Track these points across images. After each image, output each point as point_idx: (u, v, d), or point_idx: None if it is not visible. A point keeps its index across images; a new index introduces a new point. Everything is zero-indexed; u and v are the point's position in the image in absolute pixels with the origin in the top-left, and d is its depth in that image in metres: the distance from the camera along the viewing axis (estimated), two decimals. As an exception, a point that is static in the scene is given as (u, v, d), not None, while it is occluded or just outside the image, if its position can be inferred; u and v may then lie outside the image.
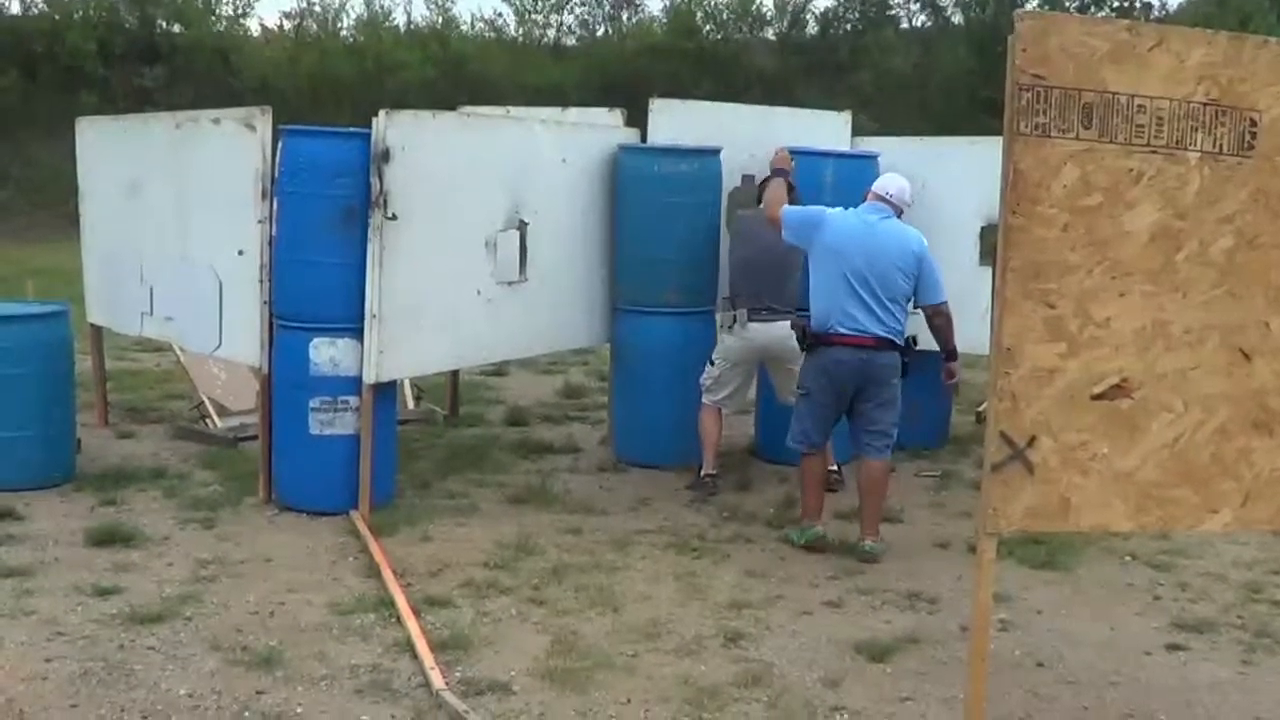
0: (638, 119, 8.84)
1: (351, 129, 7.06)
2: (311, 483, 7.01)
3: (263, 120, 6.95)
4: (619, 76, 25.70)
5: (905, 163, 8.71)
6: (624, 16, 29.44)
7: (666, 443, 8.31)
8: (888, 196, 6.79)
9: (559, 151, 8.07)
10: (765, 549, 6.77)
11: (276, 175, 6.92)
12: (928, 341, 6.97)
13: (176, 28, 25.07)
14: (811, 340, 6.74)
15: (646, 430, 8.40)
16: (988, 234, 8.56)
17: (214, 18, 25.78)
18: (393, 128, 6.73)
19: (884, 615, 5.90)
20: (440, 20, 28.14)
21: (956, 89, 29.07)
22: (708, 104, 9.63)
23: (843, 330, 6.61)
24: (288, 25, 27.11)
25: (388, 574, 5.97)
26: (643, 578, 6.25)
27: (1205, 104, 3.75)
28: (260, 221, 6.98)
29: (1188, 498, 3.88)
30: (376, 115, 6.73)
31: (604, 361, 11.36)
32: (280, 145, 6.95)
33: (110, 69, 23.95)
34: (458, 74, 25.34)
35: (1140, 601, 6.15)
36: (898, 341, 6.66)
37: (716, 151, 8.38)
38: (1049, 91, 3.62)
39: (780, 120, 9.25)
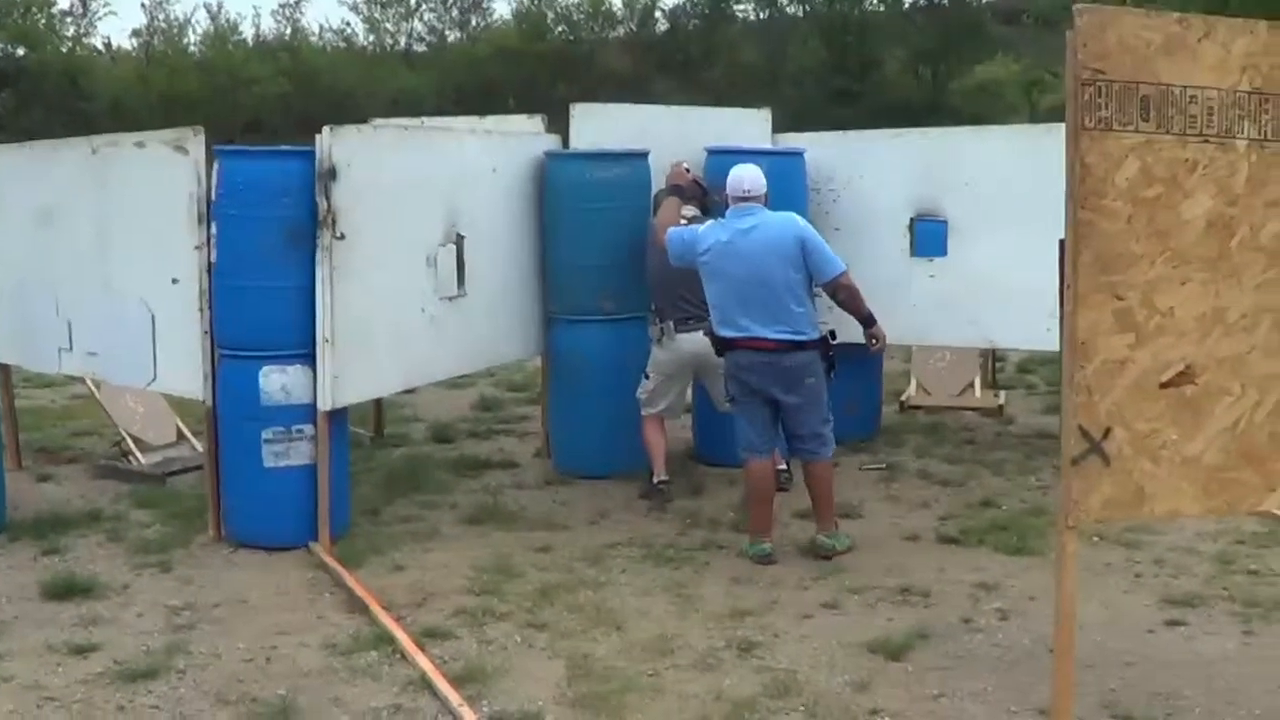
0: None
1: (289, 147, 6.88)
2: (267, 517, 6.78)
3: (195, 142, 6.71)
4: (473, 82, 25.58)
5: (830, 158, 8.85)
6: (473, 21, 29.20)
7: (609, 452, 8.24)
8: (746, 194, 6.71)
9: (489, 161, 7.95)
10: (740, 553, 6.73)
11: (213, 198, 6.70)
12: (852, 334, 6.96)
13: (20, 51, 24.21)
14: (718, 346, 6.71)
15: (587, 441, 8.31)
16: (917, 226, 8.67)
17: (58, 39, 24.94)
18: (338, 144, 6.55)
19: (884, 613, 5.91)
20: (289, 32, 27.69)
21: (808, 80, 29.55)
22: (629, 107, 9.57)
23: (739, 334, 6.59)
24: (135, 44, 26.42)
25: (378, 609, 5.80)
26: (631, 592, 6.17)
27: (1250, 93, 3.81)
28: (197, 247, 6.75)
29: (1250, 478, 3.94)
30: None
31: (512, 374, 11.32)
32: (216, 167, 6.72)
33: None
34: (311, 86, 24.94)
35: (1124, 581, 6.25)
36: (802, 340, 6.55)
37: (644, 154, 8.33)
38: (1110, 85, 3.65)
39: (701, 120, 9.23)
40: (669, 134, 8.66)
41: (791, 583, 6.32)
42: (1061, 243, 3.80)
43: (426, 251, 7.31)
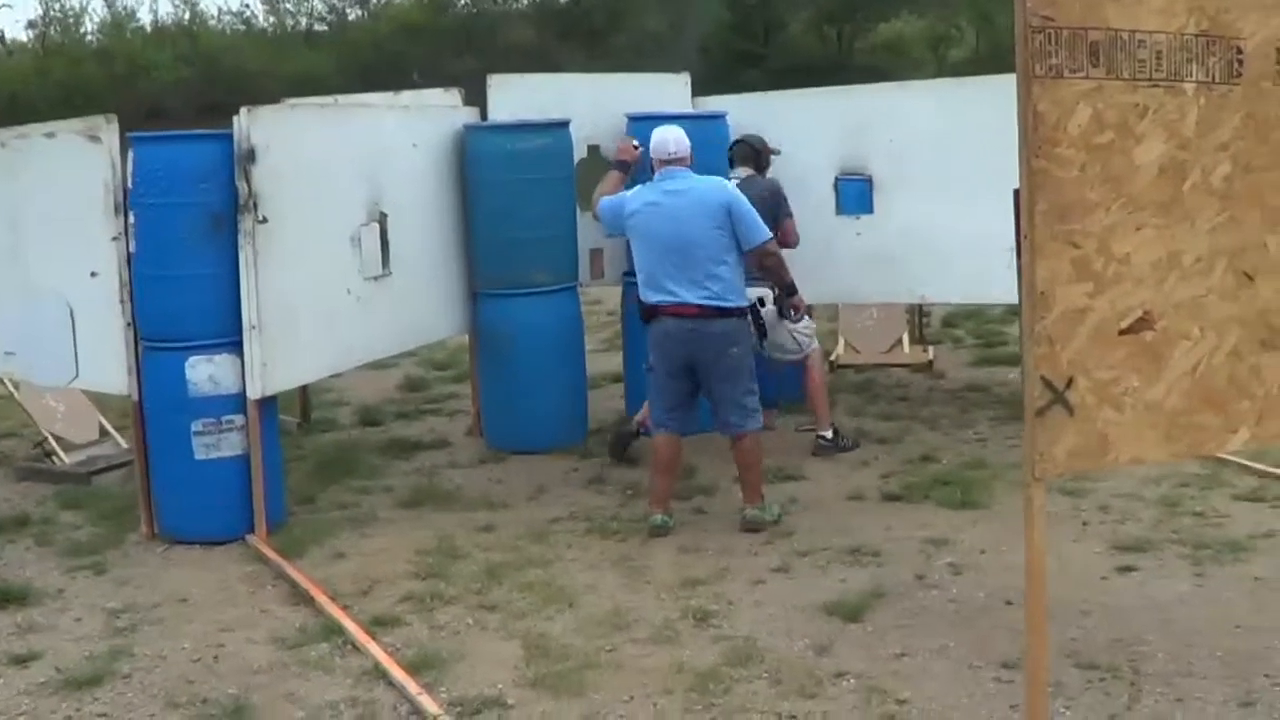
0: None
1: (205, 131, 6.69)
2: (200, 511, 6.60)
3: (108, 130, 6.50)
4: (376, 59, 25.26)
5: (752, 120, 8.75)
6: (372, -2, 28.89)
7: (542, 427, 8.15)
8: (671, 156, 6.60)
9: (408, 137, 7.79)
10: (684, 522, 6.66)
11: (130, 187, 6.50)
12: None
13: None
14: (645, 314, 6.62)
15: (520, 416, 8.20)
16: (841, 184, 8.62)
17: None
18: (255, 125, 6.37)
19: (836, 574, 5.87)
20: (187, 16, 27.17)
21: (713, 45, 29.47)
22: (546, 76, 9.46)
23: (665, 301, 6.50)
24: (31, 36, 25.78)
25: (324, 600, 5.67)
26: (580, 568, 6.09)
27: (1196, 35, 3.76)
28: (115, 238, 6.55)
29: (1210, 421, 3.92)
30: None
31: (435, 352, 11.16)
32: (131, 155, 6.51)
33: None
34: (212, 70, 24.50)
35: (1071, 529, 6.25)
36: (728, 306, 6.43)
37: (565, 124, 8.22)
38: (1059, 32, 3.59)
39: (620, 87, 9.09)
40: (588, 102, 8.56)
41: (740, 549, 6.26)
42: (1016, 193, 3.75)
43: (350, 231, 7.15)
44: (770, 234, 6.59)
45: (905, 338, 10.39)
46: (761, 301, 6.69)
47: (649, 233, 6.55)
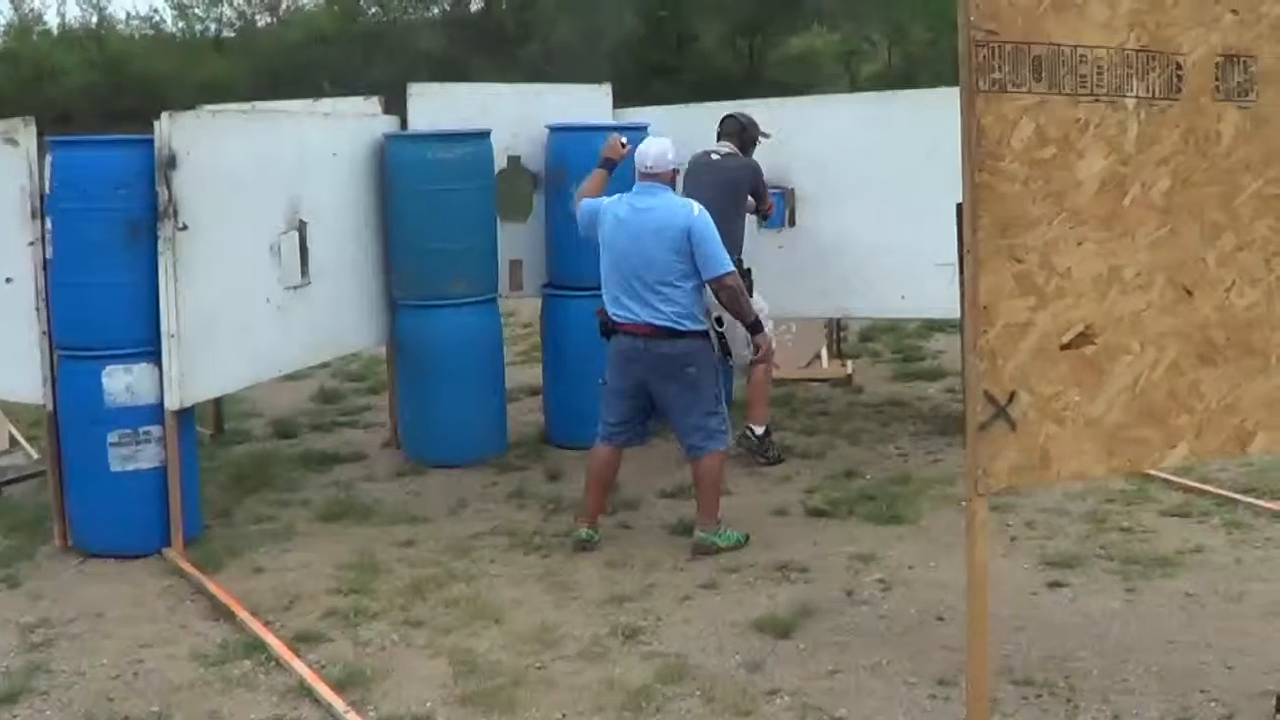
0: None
1: (125, 136, 6.54)
2: (116, 524, 6.43)
3: (26, 133, 6.33)
4: (286, 67, 24.97)
5: (674, 131, 8.67)
6: (283, 4, 28.54)
7: (461, 440, 8.07)
8: (648, 170, 6.44)
9: (329, 145, 7.68)
10: (609, 537, 6.59)
11: (47, 192, 6.33)
12: None
13: None
14: (603, 329, 6.52)
15: (439, 428, 8.10)
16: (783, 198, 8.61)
17: None
18: (177, 131, 6.24)
19: (764, 591, 5.83)
20: (95, 20, 26.68)
21: (624, 55, 29.43)
22: (466, 85, 9.38)
23: (620, 318, 6.41)
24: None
25: (245, 615, 5.54)
26: (505, 583, 6.00)
27: (1137, 51, 3.79)
28: (31, 243, 6.38)
29: (1150, 436, 3.94)
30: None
31: (349, 364, 11.01)
32: (49, 159, 6.35)
33: None
34: (120, 75, 24.08)
35: (999, 544, 6.25)
36: (681, 328, 6.28)
37: (486, 134, 8.15)
38: (1002, 47, 3.59)
39: (541, 98, 9.03)
40: (510, 112, 8.52)
41: (666, 565, 6.21)
42: (959, 206, 3.74)
43: (270, 240, 7.03)
44: (730, 267, 6.37)
45: (824, 352, 10.42)
46: (719, 320, 6.54)
47: (612, 247, 6.42)
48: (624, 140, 7.12)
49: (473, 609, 5.66)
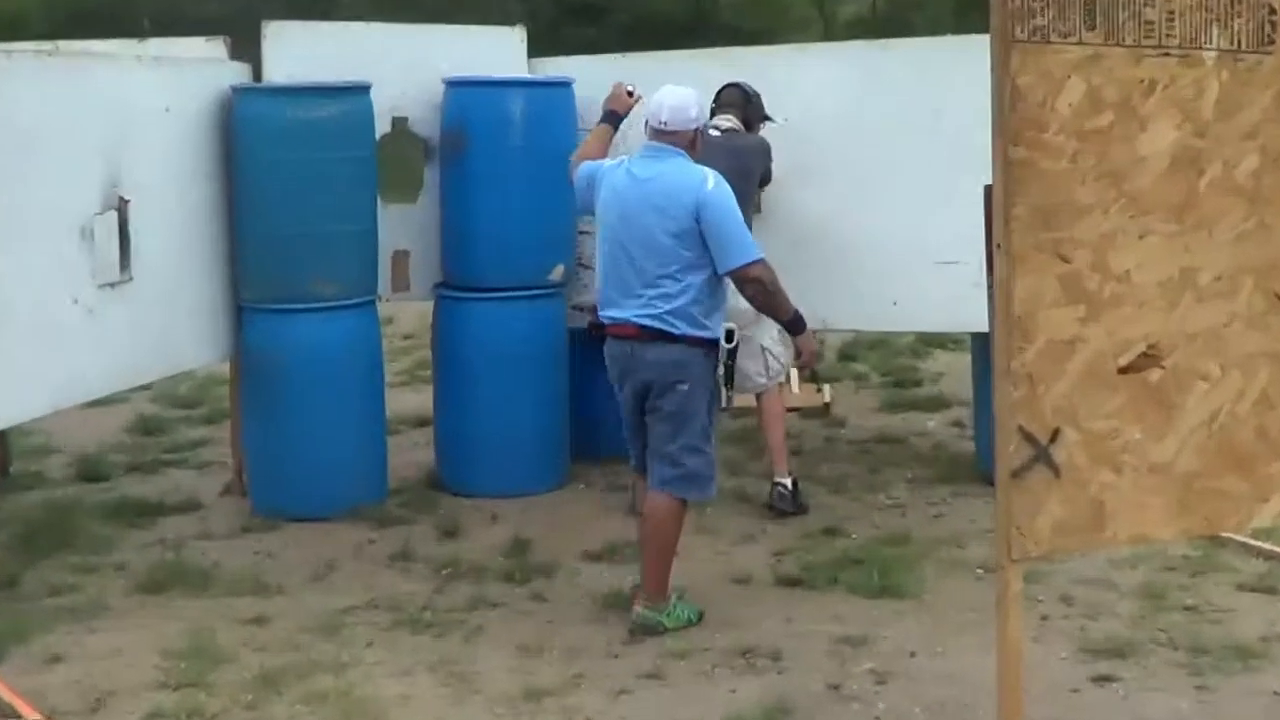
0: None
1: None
2: None
3: None
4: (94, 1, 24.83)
5: (604, 89, 8.69)
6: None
7: (327, 484, 8.03)
8: (662, 126, 6.27)
9: (160, 99, 7.59)
10: (521, 612, 6.57)
11: None
12: None
13: None
14: (592, 331, 6.51)
15: (299, 470, 8.04)
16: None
17: None
18: (-45, 78, 6.18)
19: (724, 683, 5.78)
20: None
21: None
22: (338, 24, 9.34)
23: (606, 317, 6.37)
24: None
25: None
26: (386, 673, 5.93)
27: (1220, -11, 3.82)
28: None
29: (1234, 487, 3.92)
30: None
31: (176, 385, 10.94)
32: None
33: None
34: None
35: (1028, 624, 6.17)
36: (675, 331, 6.17)
37: (365, 89, 8.11)
38: (1046, -14, 3.61)
39: (434, 43, 8.98)
40: (395, 62, 8.49)
41: (597, 649, 6.16)
42: (987, 189, 3.74)
43: (79, 221, 6.91)
44: (758, 254, 6.19)
45: (794, 374, 10.42)
46: (730, 336, 6.37)
47: (604, 224, 6.34)
48: (630, 87, 7.06)
49: (344, 707, 5.57)
